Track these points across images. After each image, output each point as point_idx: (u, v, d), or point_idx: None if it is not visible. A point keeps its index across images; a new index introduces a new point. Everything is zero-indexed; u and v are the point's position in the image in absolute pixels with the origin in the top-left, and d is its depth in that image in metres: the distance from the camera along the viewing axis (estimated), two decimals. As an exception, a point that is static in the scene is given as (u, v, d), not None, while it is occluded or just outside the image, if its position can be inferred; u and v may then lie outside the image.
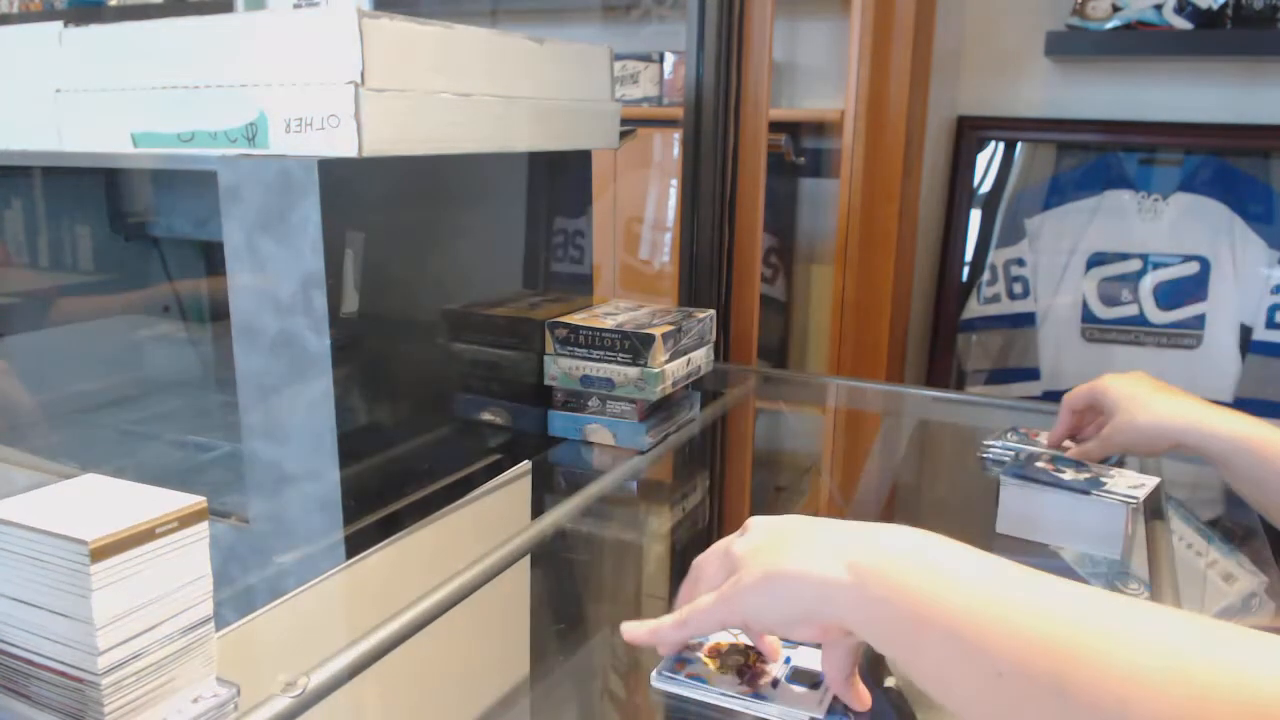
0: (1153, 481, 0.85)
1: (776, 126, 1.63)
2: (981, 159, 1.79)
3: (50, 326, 1.19)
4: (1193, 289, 1.66)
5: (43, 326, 1.18)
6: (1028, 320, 1.75)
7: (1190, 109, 1.65)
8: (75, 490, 0.48)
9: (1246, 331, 1.62)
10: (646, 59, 1.95)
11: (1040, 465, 0.88)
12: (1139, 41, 1.58)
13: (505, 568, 0.72)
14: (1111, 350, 1.71)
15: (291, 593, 0.63)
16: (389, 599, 0.64)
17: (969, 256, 1.81)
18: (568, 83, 1.00)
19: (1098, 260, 1.71)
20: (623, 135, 1.13)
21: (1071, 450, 0.94)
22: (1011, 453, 0.97)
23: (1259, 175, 1.62)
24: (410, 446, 0.86)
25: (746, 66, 1.28)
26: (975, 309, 1.79)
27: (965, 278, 1.81)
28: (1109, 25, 1.58)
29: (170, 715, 0.47)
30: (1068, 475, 0.85)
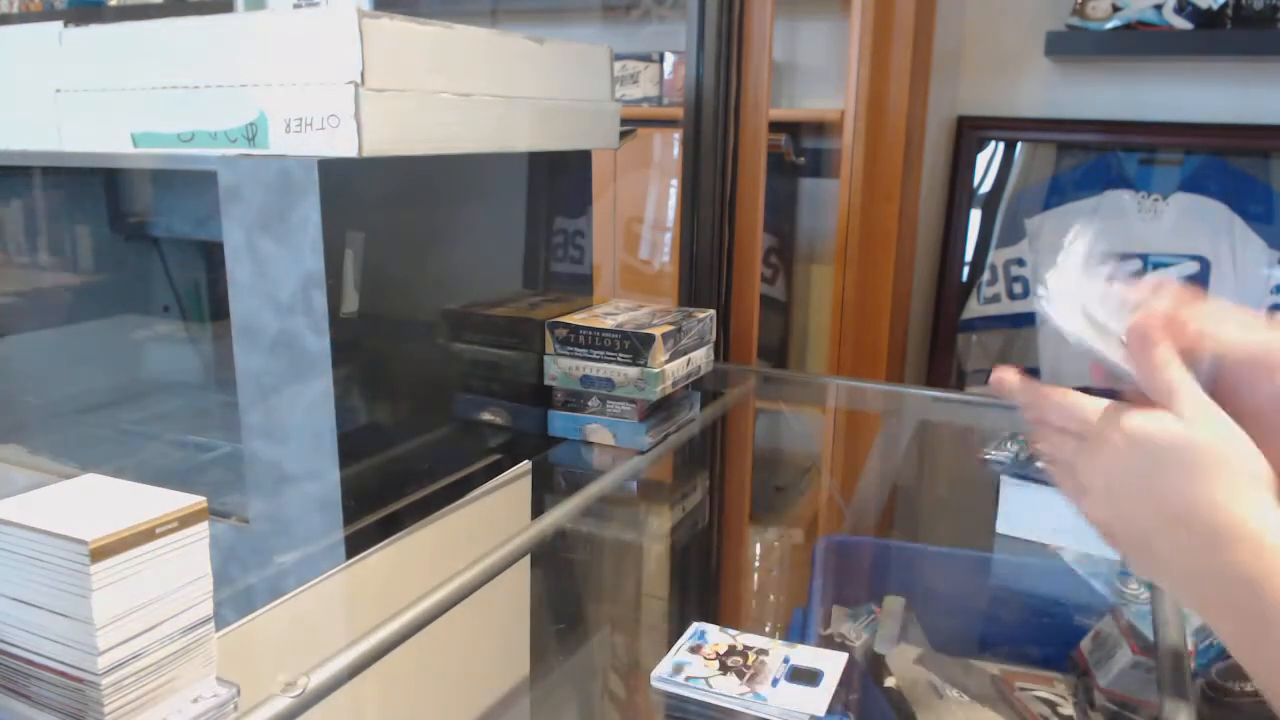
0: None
1: (776, 126, 1.63)
2: (981, 159, 1.79)
3: (50, 326, 1.19)
4: (1192, 289, 1.65)
5: (43, 326, 1.18)
6: (1028, 320, 1.75)
7: (1190, 109, 1.65)
8: (75, 490, 0.48)
9: (1246, 331, 1.62)
10: (646, 59, 1.95)
11: (1040, 465, 0.88)
12: (1139, 41, 1.57)
13: (505, 568, 0.72)
14: (1111, 350, 1.71)
15: (291, 593, 0.63)
16: (389, 599, 0.64)
17: (969, 256, 1.80)
18: (568, 83, 1.00)
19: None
20: (623, 135, 1.13)
21: None
22: (1011, 458, 0.97)
23: (1259, 175, 1.62)
24: (410, 446, 0.86)
25: (746, 66, 1.28)
26: (975, 309, 1.79)
27: (965, 278, 1.81)
28: (1109, 25, 1.58)
29: (170, 715, 0.47)
30: (1068, 475, 0.85)
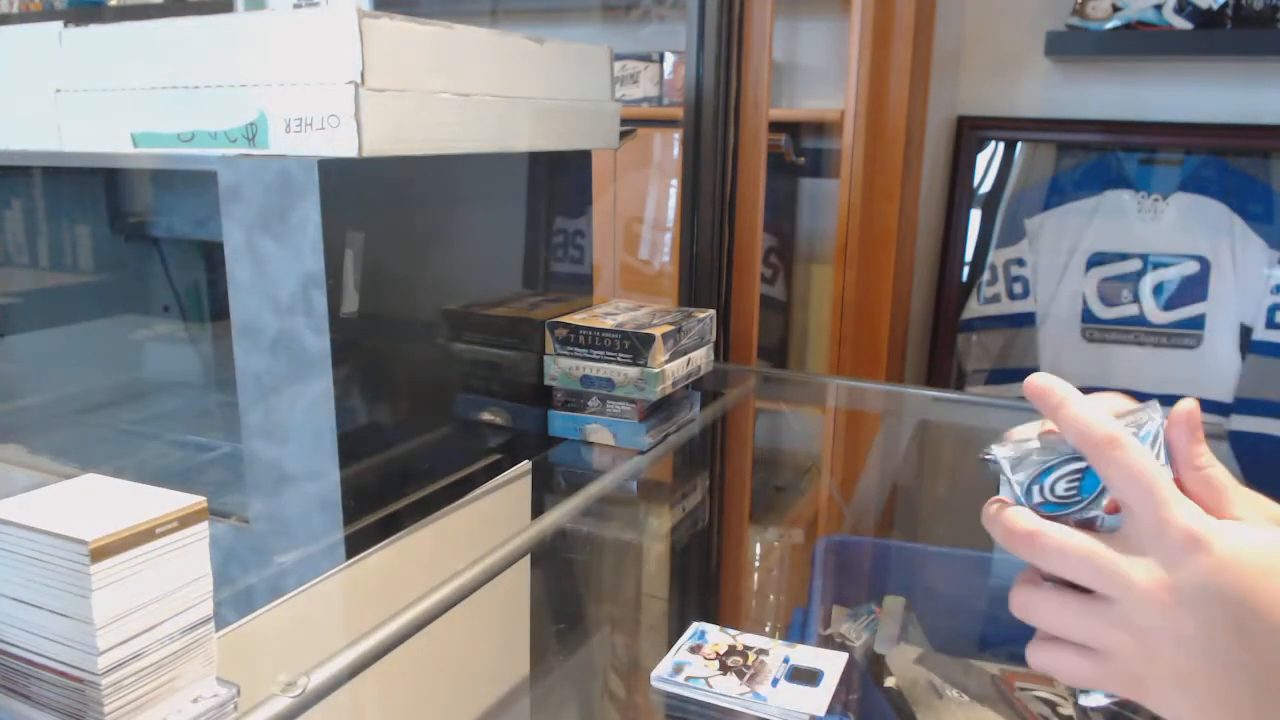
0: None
1: (776, 126, 1.63)
2: (981, 159, 1.79)
3: (50, 326, 1.19)
4: (1193, 289, 1.65)
5: (43, 326, 1.18)
6: (1028, 320, 1.75)
7: (1190, 109, 1.65)
8: (75, 490, 0.48)
9: (1246, 331, 1.62)
10: (646, 59, 1.94)
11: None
12: (1139, 41, 1.57)
13: (505, 568, 0.72)
14: (1111, 350, 1.71)
15: (291, 593, 0.63)
16: (389, 599, 0.64)
17: (969, 256, 1.80)
18: (568, 83, 1.00)
19: (1098, 260, 1.71)
20: (623, 135, 1.13)
21: None
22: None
23: (1259, 175, 1.62)
24: (410, 446, 0.86)
25: (746, 66, 1.28)
26: (975, 309, 1.79)
27: (965, 278, 1.81)
28: (1109, 25, 1.58)
29: (170, 715, 0.47)
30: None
